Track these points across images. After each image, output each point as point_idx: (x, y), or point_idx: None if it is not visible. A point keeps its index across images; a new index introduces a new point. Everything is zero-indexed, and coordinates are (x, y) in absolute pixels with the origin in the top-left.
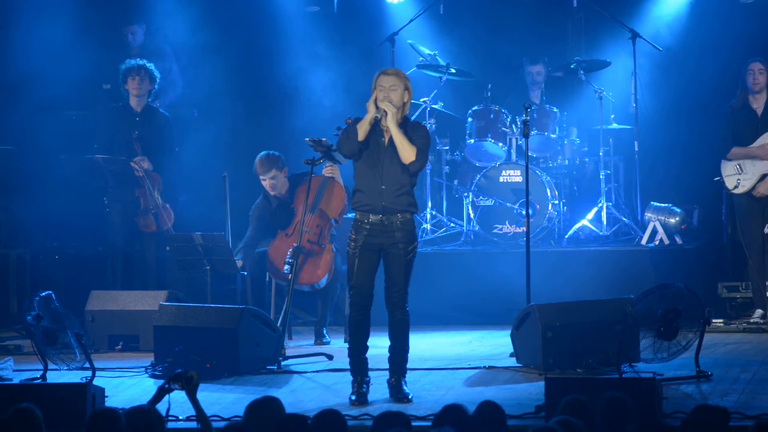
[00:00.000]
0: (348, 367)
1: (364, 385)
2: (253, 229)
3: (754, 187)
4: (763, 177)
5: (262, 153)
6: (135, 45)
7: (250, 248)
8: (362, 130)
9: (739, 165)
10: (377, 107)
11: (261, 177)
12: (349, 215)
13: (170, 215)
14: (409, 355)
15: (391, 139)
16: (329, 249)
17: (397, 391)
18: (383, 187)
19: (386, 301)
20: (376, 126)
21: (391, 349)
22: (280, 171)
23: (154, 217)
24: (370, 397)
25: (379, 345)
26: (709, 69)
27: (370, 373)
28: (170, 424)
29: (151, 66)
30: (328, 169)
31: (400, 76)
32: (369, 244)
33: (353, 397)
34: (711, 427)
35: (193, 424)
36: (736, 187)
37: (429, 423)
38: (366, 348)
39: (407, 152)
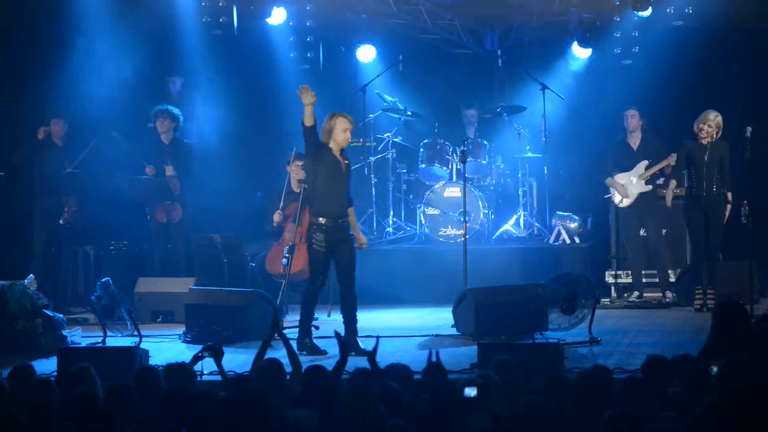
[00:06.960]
0: (330, 335)
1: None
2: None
3: (633, 202)
4: (639, 194)
5: (295, 150)
6: (174, 92)
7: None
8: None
9: (623, 186)
10: None
11: (295, 163)
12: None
13: (179, 212)
14: (374, 325)
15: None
16: (304, 246)
17: (358, 350)
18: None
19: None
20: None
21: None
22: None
23: (165, 211)
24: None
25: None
26: (598, 112)
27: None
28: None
29: (171, 108)
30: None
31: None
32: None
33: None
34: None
35: (211, 378)
36: (621, 201)
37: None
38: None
39: None
